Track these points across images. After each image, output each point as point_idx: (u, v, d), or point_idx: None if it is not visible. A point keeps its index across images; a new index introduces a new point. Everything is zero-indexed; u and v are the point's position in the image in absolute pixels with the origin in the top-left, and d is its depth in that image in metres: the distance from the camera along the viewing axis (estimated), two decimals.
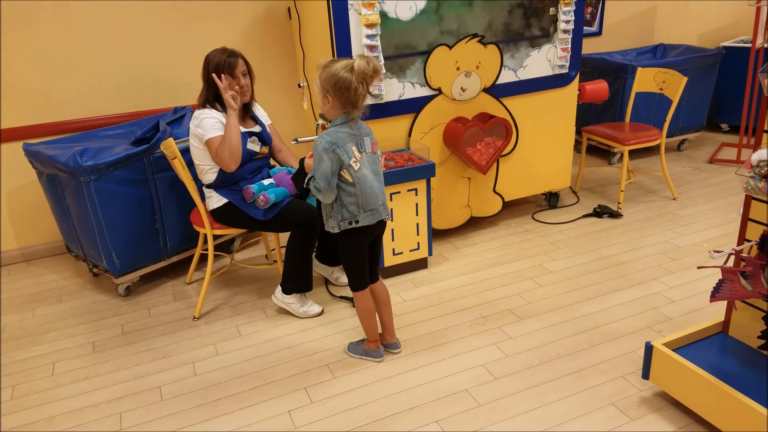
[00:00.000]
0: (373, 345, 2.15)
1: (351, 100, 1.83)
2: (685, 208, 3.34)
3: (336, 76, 1.80)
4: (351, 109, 1.87)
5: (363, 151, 1.91)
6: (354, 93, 1.81)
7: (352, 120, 1.90)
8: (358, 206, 1.92)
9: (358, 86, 1.80)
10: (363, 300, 2.08)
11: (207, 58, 2.28)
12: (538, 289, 2.59)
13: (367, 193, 1.91)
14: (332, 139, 1.85)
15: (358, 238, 1.99)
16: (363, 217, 1.94)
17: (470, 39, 2.73)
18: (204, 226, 2.44)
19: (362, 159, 1.91)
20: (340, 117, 1.89)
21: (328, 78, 1.82)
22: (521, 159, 3.13)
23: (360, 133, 1.91)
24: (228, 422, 1.91)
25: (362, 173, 1.90)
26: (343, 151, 1.86)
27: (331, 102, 1.86)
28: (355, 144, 1.89)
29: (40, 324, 2.54)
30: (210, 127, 2.26)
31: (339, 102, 1.85)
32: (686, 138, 4.30)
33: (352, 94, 1.82)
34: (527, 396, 1.95)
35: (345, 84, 1.80)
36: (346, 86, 1.80)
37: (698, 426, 1.79)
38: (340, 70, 1.80)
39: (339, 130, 1.88)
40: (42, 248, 3.16)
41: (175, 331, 2.43)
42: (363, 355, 2.17)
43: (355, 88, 1.80)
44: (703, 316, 2.32)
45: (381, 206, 1.98)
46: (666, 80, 3.36)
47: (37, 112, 2.94)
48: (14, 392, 2.11)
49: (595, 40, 4.39)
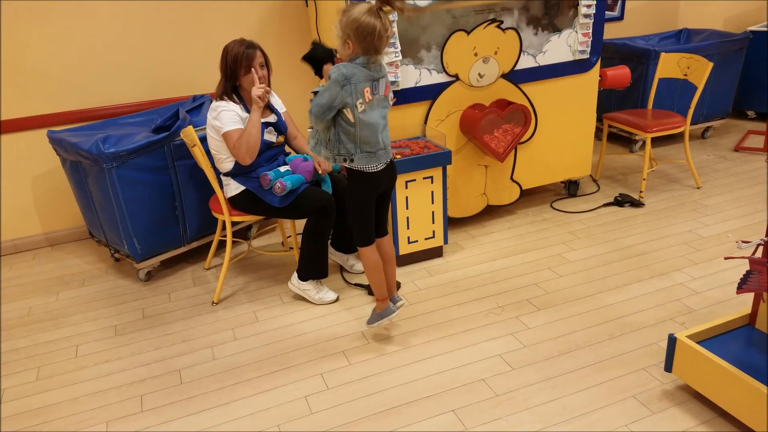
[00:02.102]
0: (383, 304, 2.14)
1: (374, 45, 1.76)
2: (709, 197, 3.26)
3: (358, 20, 1.72)
4: (374, 54, 1.79)
5: (376, 93, 1.85)
6: (378, 37, 1.74)
7: (374, 62, 1.82)
8: (355, 145, 1.87)
9: (383, 31, 1.73)
10: (370, 255, 2.06)
11: (225, 50, 2.28)
12: (556, 279, 2.56)
13: (366, 135, 1.86)
14: (347, 73, 1.78)
15: (365, 188, 1.95)
16: (359, 157, 1.88)
17: (488, 24, 2.68)
18: (222, 213, 2.46)
19: (372, 101, 1.84)
20: (362, 57, 1.81)
21: (349, 23, 1.74)
22: (540, 146, 3.08)
23: (378, 75, 1.84)
24: (246, 406, 1.93)
25: (366, 116, 1.84)
26: (353, 90, 1.79)
27: (352, 48, 1.78)
28: (370, 85, 1.82)
29: (64, 307, 2.60)
30: (228, 120, 2.25)
31: (361, 47, 1.77)
32: (711, 125, 4.19)
33: (376, 39, 1.74)
34: (545, 387, 1.94)
35: (369, 28, 1.72)
36: (370, 30, 1.72)
37: (722, 420, 1.76)
38: (364, 14, 1.72)
39: (357, 67, 1.80)
40: (65, 233, 3.22)
41: (194, 315, 2.46)
42: (379, 320, 2.16)
43: (379, 31, 1.73)
44: (729, 308, 2.27)
45: (381, 150, 1.91)
46: (690, 66, 3.27)
47: (60, 100, 2.98)
48: (39, 373, 2.16)
49: (617, 25, 4.29)
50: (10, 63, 2.85)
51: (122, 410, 1.95)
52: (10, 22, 2.78)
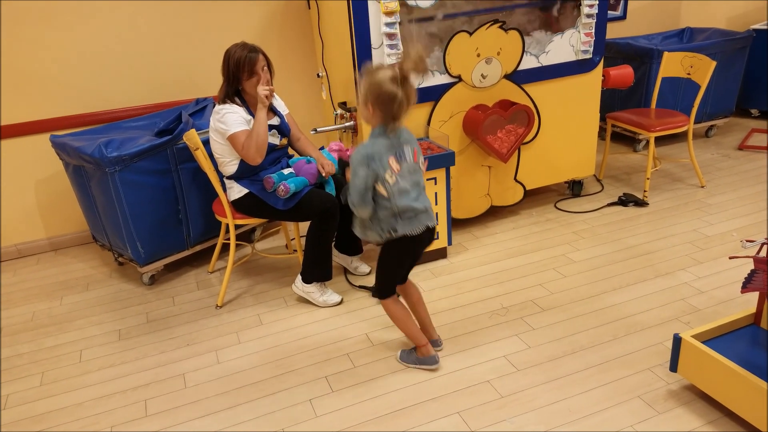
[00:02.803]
0: (425, 350, 2.03)
1: (393, 113, 1.75)
2: (713, 196, 3.25)
3: (380, 88, 1.71)
4: (391, 122, 1.78)
5: (403, 160, 1.81)
6: (398, 106, 1.73)
7: (392, 130, 1.80)
8: (395, 216, 1.83)
9: (403, 99, 1.72)
10: (393, 307, 1.99)
11: (227, 54, 2.27)
12: (561, 279, 2.55)
13: (404, 205, 1.82)
14: (368, 152, 1.77)
15: (401, 251, 1.91)
16: (401, 225, 1.84)
17: (491, 25, 2.68)
18: (226, 216, 2.46)
19: (401, 170, 1.81)
20: (379, 128, 1.80)
21: (371, 87, 1.73)
22: (543, 146, 3.08)
23: (399, 143, 1.81)
24: (250, 410, 1.93)
25: (398, 187, 1.80)
26: (379, 165, 1.77)
27: (372, 111, 1.77)
28: (393, 155, 1.79)
29: (67, 312, 2.60)
30: (233, 122, 2.25)
31: (380, 113, 1.76)
32: (714, 124, 4.18)
33: (396, 108, 1.73)
34: (550, 388, 1.93)
35: (389, 96, 1.71)
36: (390, 99, 1.71)
37: (728, 420, 1.75)
38: (386, 82, 1.70)
39: (376, 142, 1.79)
40: (69, 238, 3.23)
41: (198, 319, 2.46)
42: (418, 364, 2.06)
43: (400, 101, 1.71)
44: (733, 308, 2.26)
45: (422, 213, 1.87)
46: (694, 65, 3.26)
47: (63, 104, 2.99)
48: (43, 378, 2.16)
49: (620, 25, 4.28)
50: (12, 67, 2.85)
51: (127, 415, 1.95)
52: (13, 26, 2.79)
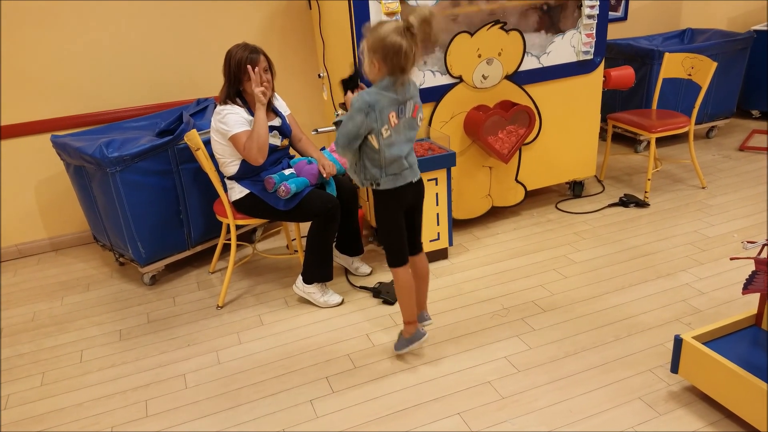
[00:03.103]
0: (411, 327, 2.05)
1: (400, 65, 1.70)
2: (714, 197, 3.25)
3: (384, 40, 1.66)
4: (399, 74, 1.73)
5: (402, 116, 1.80)
6: (404, 57, 1.68)
7: (401, 83, 1.75)
8: (380, 169, 1.84)
9: (409, 50, 1.67)
10: (401, 276, 1.97)
11: (228, 54, 2.27)
12: (562, 280, 2.55)
13: (390, 159, 1.82)
14: (371, 100, 1.73)
15: (390, 205, 1.90)
16: (384, 180, 1.85)
17: (492, 26, 2.68)
18: (227, 216, 2.46)
19: (398, 125, 1.79)
20: (387, 79, 1.75)
21: (375, 42, 1.69)
22: (544, 147, 3.08)
23: (405, 98, 1.78)
24: (251, 410, 1.93)
25: (390, 140, 1.79)
26: (378, 116, 1.74)
27: (378, 66, 1.73)
28: (395, 109, 1.77)
29: (68, 312, 2.60)
30: (234, 123, 2.25)
31: (386, 67, 1.72)
32: (715, 125, 4.18)
33: (402, 58, 1.68)
34: (551, 389, 1.93)
35: (394, 48, 1.66)
36: (396, 50, 1.66)
37: (729, 421, 1.75)
38: (390, 34, 1.66)
39: (381, 93, 1.75)
40: (70, 238, 3.23)
41: (199, 319, 2.46)
42: (408, 345, 2.07)
43: (406, 51, 1.67)
44: (735, 309, 2.26)
45: (407, 170, 1.87)
46: (695, 65, 3.26)
47: (64, 104, 2.99)
48: (44, 379, 2.16)
49: (620, 26, 4.28)
50: (13, 67, 2.86)
51: (127, 415, 1.95)
52: (14, 26, 2.79)
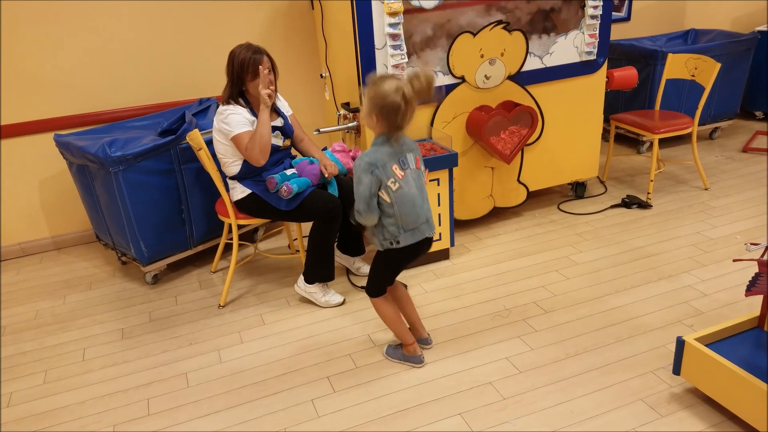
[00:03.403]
0: (412, 349, 2.07)
1: (397, 123, 1.78)
2: (717, 198, 3.24)
3: (385, 99, 1.74)
4: (395, 131, 1.81)
5: (406, 167, 1.85)
6: (402, 116, 1.76)
7: (395, 139, 1.83)
8: (398, 227, 1.86)
9: (407, 110, 1.75)
10: (383, 306, 2.03)
11: (232, 55, 2.27)
12: (563, 281, 2.55)
13: (407, 212, 1.85)
14: (371, 160, 1.80)
15: (399, 258, 1.96)
16: (404, 237, 1.88)
17: (495, 26, 2.68)
18: (229, 216, 2.46)
19: (405, 176, 1.84)
20: (382, 136, 1.83)
21: (375, 98, 1.76)
22: (547, 148, 3.07)
23: (402, 150, 1.85)
24: (252, 410, 1.93)
25: (402, 192, 1.83)
26: (383, 172, 1.81)
27: (376, 121, 1.80)
28: (396, 162, 1.83)
29: (71, 310, 2.61)
30: (236, 124, 2.25)
31: (385, 123, 1.79)
32: (719, 126, 4.16)
33: (400, 118, 1.76)
34: (552, 390, 1.92)
35: (393, 108, 1.74)
36: (395, 110, 1.74)
37: (731, 424, 1.74)
38: (391, 93, 1.73)
39: (379, 150, 1.82)
40: (73, 237, 3.23)
41: (200, 318, 2.46)
42: (403, 360, 2.09)
43: (404, 111, 1.75)
44: (737, 311, 2.25)
45: (424, 224, 1.91)
46: (698, 66, 3.25)
47: (67, 104, 3.00)
48: (46, 377, 2.17)
49: (624, 26, 4.27)
50: (16, 67, 2.86)
51: (129, 414, 1.96)
52: (16, 26, 2.80)
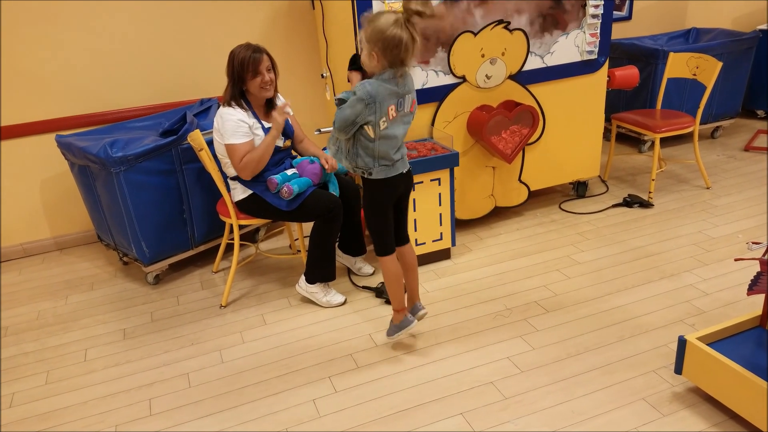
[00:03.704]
0: (401, 315, 2.08)
1: (399, 57, 1.70)
2: (719, 197, 3.23)
3: (384, 33, 1.66)
4: (399, 66, 1.73)
5: (401, 109, 1.82)
6: (404, 49, 1.68)
7: (401, 75, 1.76)
8: (373, 159, 1.86)
9: (409, 42, 1.67)
10: (389, 265, 2.01)
11: (231, 54, 2.27)
12: (565, 280, 2.55)
13: (385, 149, 1.84)
14: (372, 91, 1.74)
15: (381, 194, 1.93)
16: (377, 170, 1.87)
17: (496, 25, 2.68)
18: (230, 216, 2.46)
19: (395, 117, 1.82)
20: (388, 72, 1.75)
21: (374, 33, 1.68)
22: (548, 147, 3.07)
23: (404, 91, 1.80)
24: (254, 409, 1.93)
25: (387, 132, 1.81)
26: (378, 108, 1.75)
27: (378, 58, 1.72)
28: (395, 102, 1.79)
29: (73, 311, 2.61)
30: (231, 132, 2.24)
31: (386, 59, 1.71)
32: (720, 125, 4.16)
33: (402, 51, 1.68)
34: (554, 390, 1.92)
35: (394, 40, 1.66)
36: (396, 43, 1.66)
37: (733, 423, 1.74)
38: (390, 27, 1.65)
39: (383, 85, 1.75)
40: (74, 237, 3.24)
41: (202, 318, 2.47)
42: (398, 331, 2.11)
43: (406, 44, 1.66)
44: (739, 310, 2.25)
45: (398, 161, 1.89)
46: (699, 65, 3.24)
47: (68, 104, 3.00)
48: (49, 377, 2.17)
49: (625, 25, 4.27)
50: (18, 68, 2.87)
51: (131, 414, 1.96)
52: (18, 26, 2.81)
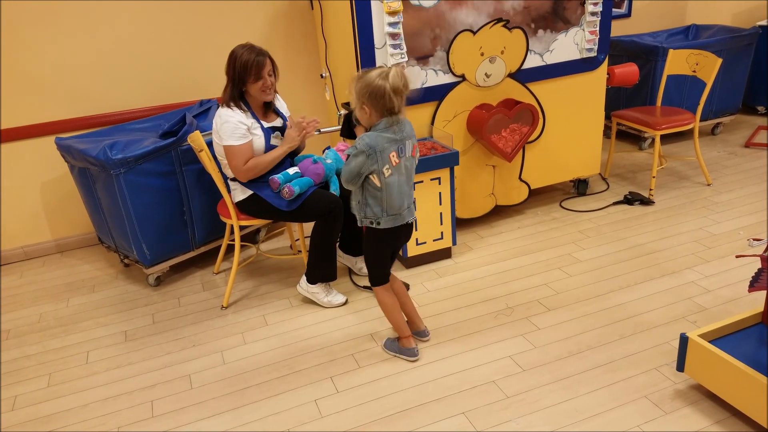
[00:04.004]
0: (407, 342, 2.11)
1: (387, 107, 1.81)
2: (719, 194, 3.23)
3: (370, 85, 1.79)
4: (389, 116, 1.84)
5: (402, 155, 1.89)
6: (389, 99, 1.79)
7: (395, 123, 1.86)
8: (382, 209, 1.92)
9: (394, 93, 1.79)
10: (384, 296, 2.08)
11: (233, 55, 2.24)
12: (566, 279, 2.54)
13: (393, 197, 1.91)
14: (372, 143, 1.84)
15: (384, 242, 2.01)
16: (385, 220, 1.94)
17: (495, 24, 2.67)
18: (230, 217, 2.46)
19: (399, 164, 1.89)
20: (384, 121, 1.85)
21: (362, 88, 1.81)
22: (548, 145, 3.07)
23: (402, 137, 1.88)
24: (256, 410, 1.93)
25: (392, 179, 1.89)
26: (380, 158, 1.84)
27: (369, 112, 1.84)
28: (395, 149, 1.87)
29: (74, 313, 2.61)
30: (230, 134, 2.24)
31: (376, 111, 1.83)
32: (721, 121, 4.15)
33: (387, 101, 1.79)
34: (556, 388, 1.92)
35: (380, 91, 1.78)
36: (381, 93, 1.78)
37: (736, 420, 1.74)
38: (375, 79, 1.78)
39: (381, 135, 1.85)
40: (75, 240, 3.24)
41: (203, 320, 2.47)
42: (398, 353, 2.13)
43: (390, 95, 1.79)
44: (741, 307, 2.24)
45: (406, 210, 1.96)
46: (699, 62, 3.24)
47: (67, 107, 3.00)
48: (51, 380, 2.17)
49: (624, 22, 4.26)
50: (17, 70, 2.87)
51: (133, 416, 1.96)
52: (16, 29, 2.81)
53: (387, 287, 2.08)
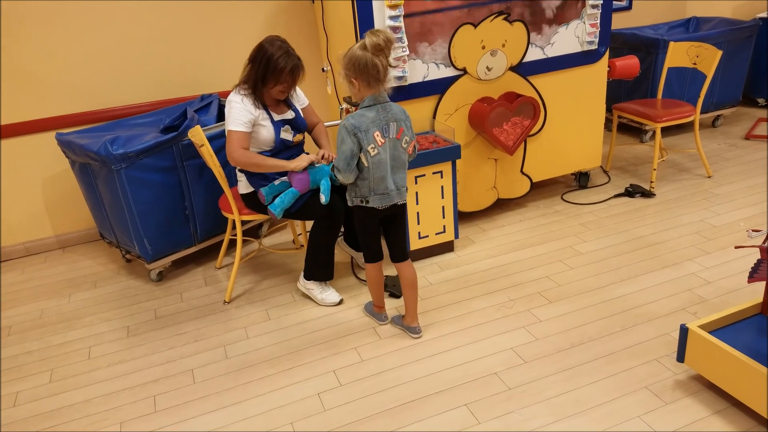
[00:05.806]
0: (378, 310, 2.28)
1: (373, 76, 1.85)
2: (720, 186, 3.23)
3: (353, 57, 1.84)
4: (376, 85, 1.87)
5: (387, 135, 1.93)
6: (373, 67, 1.83)
7: (382, 102, 1.91)
8: (369, 189, 1.97)
9: (375, 60, 1.82)
10: (371, 271, 2.18)
11: (266, 53, 2.13)
12: (568, 271, 2.55)
13: (379, 178, 1.95)
14: (356, 123, 1.89)
15: (365, 216, 2.06)
16: (373, 199, 1.99)
17: (495, 17, 2.67)
18: (232, 212, 2.46)
19: (384, 144, 1.92)
20: (369, 98, 1.90)
21: (347, 63, 1.86)
22: (550, 138, 3.06)
23: (387, 118, 1.92)
24: (259, 404, 1.94)
25: (378, 159, 1.92)
26: (364, 136, 1.89)
27: (357, 84, 1.88)
28: (379, 129, 1.91)
29: (76, 309, 2.62)
30: (234, 119, 2.20)
31: (364, 81, 1.87)
32: (721, 114, 4.15)
33: (372, 69, 1.83)
34: (558, 380, 1.93)
35: (362, 61, 1.82)
36: (364, 62, 1.82)
37: (736, 410, 1.75)
38: (356, 51, 1.84)
39: (365, 114, 1.90)
40: (77, 235, 3.24)
41: (206, 315, 2.47)
42: (370, 314, 2.32)
43: (373, 62, 1.82)
44: (741, 298, 2.25)
45: (394, 191, 2.00)
46: (700, 54, 3.23)
47: (68, 102, 3.00)
48: (53, 376, 2.18)
49: (625, 15, 4.25)
50: (17, 66, 2.86)
51: (136, 411, 1.97)
52: (17, 25, 2.80)
53: (378, 265, 2.16)
